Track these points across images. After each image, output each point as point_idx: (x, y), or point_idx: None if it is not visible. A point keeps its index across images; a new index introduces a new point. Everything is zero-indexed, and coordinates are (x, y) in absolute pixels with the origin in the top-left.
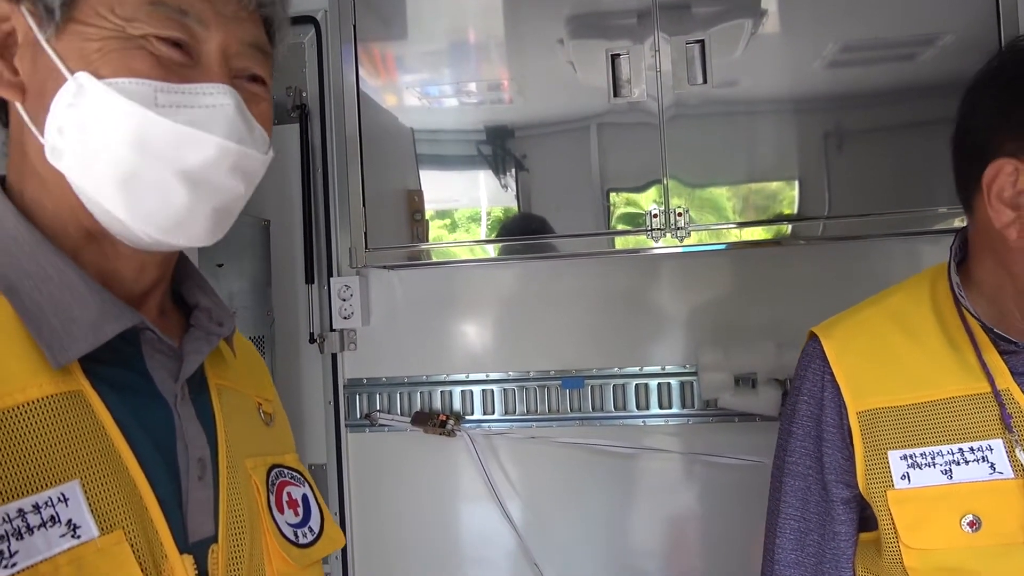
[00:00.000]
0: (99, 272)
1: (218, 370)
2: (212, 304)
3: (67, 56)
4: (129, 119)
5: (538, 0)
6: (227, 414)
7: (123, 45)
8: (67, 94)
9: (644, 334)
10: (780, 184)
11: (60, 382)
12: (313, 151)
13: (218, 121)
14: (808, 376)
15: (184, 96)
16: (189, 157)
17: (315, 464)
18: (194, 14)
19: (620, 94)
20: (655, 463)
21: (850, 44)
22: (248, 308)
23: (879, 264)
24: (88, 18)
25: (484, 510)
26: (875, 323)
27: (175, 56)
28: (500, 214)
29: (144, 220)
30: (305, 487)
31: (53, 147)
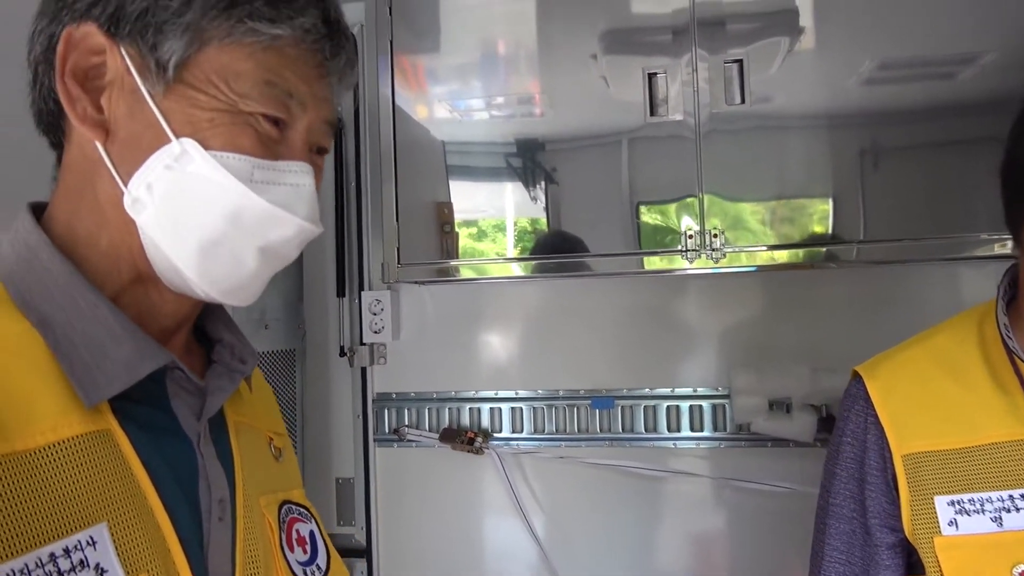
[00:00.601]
0: (136, 310)
1: (235, 406)
2: (235, 340)
3: (172, 117)
4: (228, 193)
5: (571, 15)
6: (244, 452)
7: (233, 120)
8: (167, 155)
9: (675, 354)
10: (815, 203)
11: (89, 421)
12: (347, 165)
13: (301, 201)
14: (851, 417)
15: (274, 173)
16: (271, 233)
17: (342, 478)
18: (297, 96)
19: (657, 113)
20: (685, 486)
21: (887, 62)
22: (280, 321)
23: (917, 289)
24: (200, 84)
25: (510, 528)
26: (920, 364)
27: (272, 133)
28: (529, 226)
29: (210, 283)
30: (312, 523)
31: (136, 199)
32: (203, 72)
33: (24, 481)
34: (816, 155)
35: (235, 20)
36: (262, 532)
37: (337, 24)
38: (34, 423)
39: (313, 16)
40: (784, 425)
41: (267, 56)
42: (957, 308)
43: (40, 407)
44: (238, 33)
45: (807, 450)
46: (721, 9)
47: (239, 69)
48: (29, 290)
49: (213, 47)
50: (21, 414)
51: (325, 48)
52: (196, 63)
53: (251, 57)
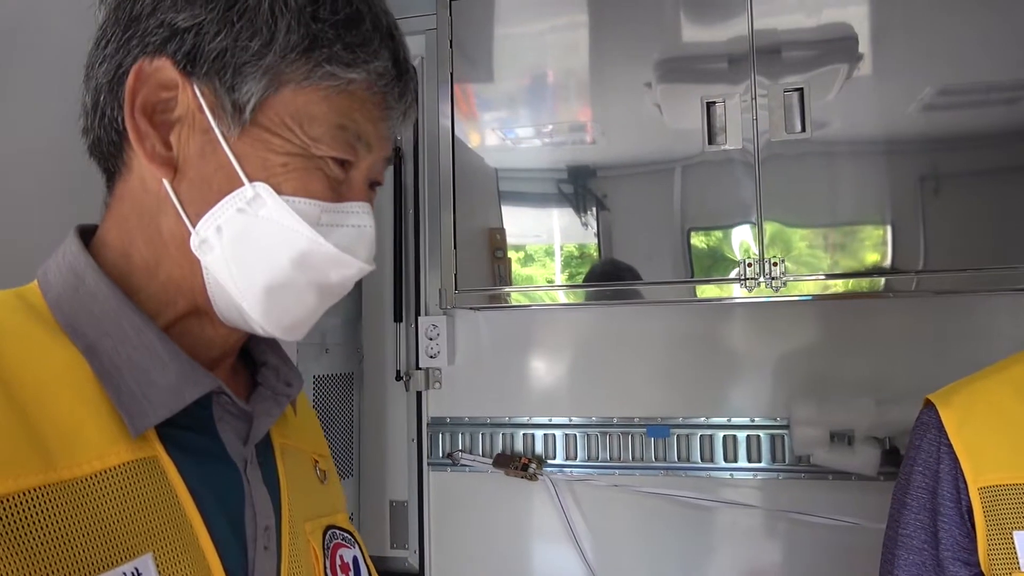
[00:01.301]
0: (189, 340)
1: (281, 428)
2: (281, 363)
3: (245, 160)
4: (298, 238)
5: (625, 44)
6: (290, 476)
7: (306, 164)
8: (240, 199)
9: (732, 383)
10: (873, 232)
11: (136, 448)
12: (405, 192)
13: (363, 243)
14: (923, 446)
15: (339, 215)
16: (333, 274)
17: (396, 500)
18: (365, 139)
19: (715, 142)
20: (741, 518)
21: (947, 88)
22: (339, 345)
23: (982, 320)
24: (275, 127)
25: (562, 555)
26: (997, 393)
27: (339, 175)
28: (581, 252)
29: (273, 322)
30: (356, 549)
31: (204, 240)
32: (278, 115)
33: (71, 511)
34: (875, 182)
35: (314, 64)
36: (307, 560)
37: (405, 64)
38: (81, 451)
39: (385, 59)
40: (846, 457)
41: (340, 99)
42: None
43: (87, 435)
44: (316, 77)
45: (870, 484)
46: (778, 37)
47: (313, 113)
48: (76, 316)
49: (289, 90)
50: (68, 442)
51: (395, 90)
52: (271, 106)
53: (325, 101)
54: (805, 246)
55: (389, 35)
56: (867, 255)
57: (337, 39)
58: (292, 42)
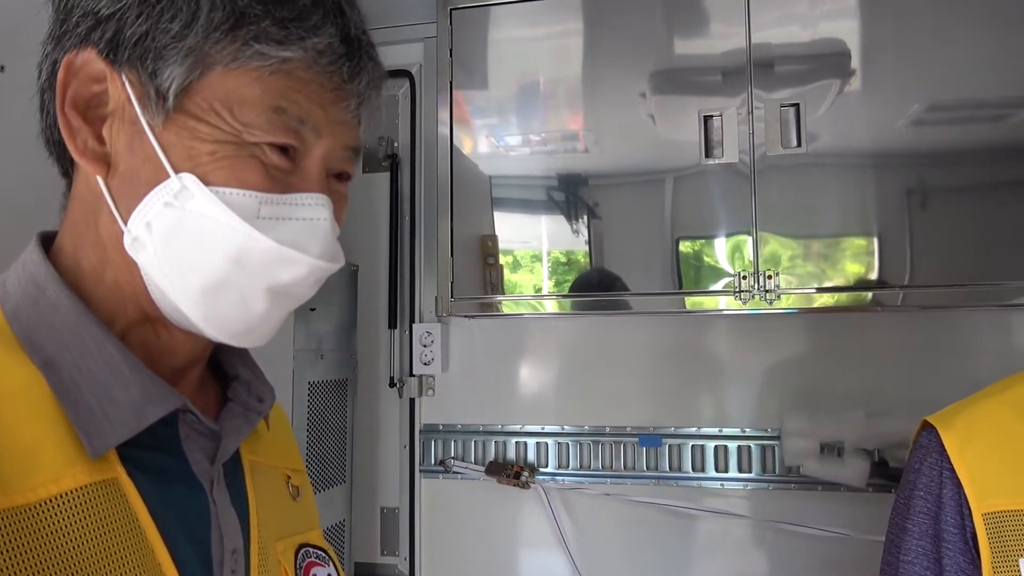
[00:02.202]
0: (145, 350)
1: (251, 444)
2: (252, 377)
3: (172, 150)
4: (232, 233)
5: (619, 55)
6: (260, 495)
7: (237, 152)
8: (166, 192)
9: (723, 394)
10: (861, 246)
11: (95, 470)
12: (402, 199)
13: (315, 237)
14: (924, 470)
15: (285, 208)
16: (281, 274)
17: (388, 507)
18: (311, 123)
19: (712, 155)
20: (732, 527)
21: (936, 104)
22: (334, 351)
23: (969, 335)
24: (202, 113)
25: (553, 563)
26: (998, 415)
27: (281, 163)
28: (572, 260)
29: (217, 327)
30: (330, 566)
31: (136, 238)
32: (205, 100)
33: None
34: (864, 196)
35: (240, 43)
36: None
37: (358, 42)
38: (36, 475)
39: (329, 35)
40: (836, 469)
41: (276, 80)
42: (1010, 356)
43: (43, 457)
44: (244, 57)
45: (859, 495)
46: (772, 51)
47: (245, 96)
48: (35, 328)
49: (217, 73)
50: (22, 465)
51: (343, 70)
52: (198, 90)
53: (258, 82)
54: (797, 259)
55: (337, 10)
56: (856, 268)
57: (266, 15)
58: (216, 20)
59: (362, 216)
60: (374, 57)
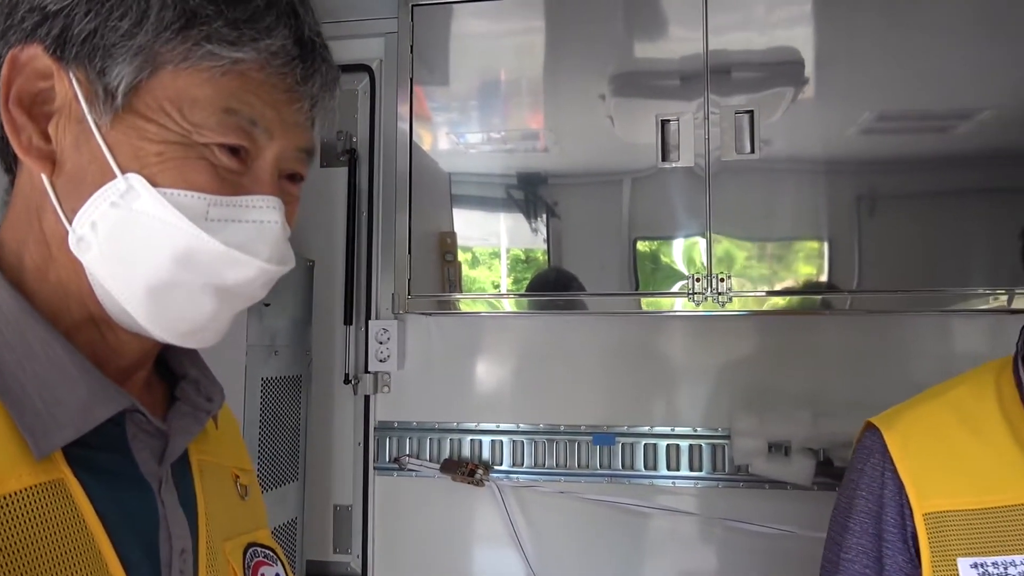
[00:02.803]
0: (92, 349)
1: (200, 444)
2: (201, 376)
3: (119, 149)
4: (178, 234)
5: (580, 55)
6: (208, 494)
7: (185, 153)
8: (113, 192)
9: (676, 394)
10: (811, 250)
11: (41, 471)
12: (359, 195)
13: (264, 240)
14: (867, 471)
15: (234, 210)
16: (228, 276)
17: (341, 505)
18: (263, 124)
19: (668, 158)
20: (682, 525)
21: (886, 113)
22: (288, 347)
23: (912, 339)
24: (151, 112)
25: (506, 561)
26: (939, 418)
27: (232, 165)
28: (531, 258)
29: (164, 328)
30: (278, 566)
31: (81, 238)
32: (155, 100)
33: None
34: (815, 202)
35: (192, 43)
36: None
37: (311, 44)
38: None
39: (282, 37)
40: (783, 468)
41: (227, 81)
42: (950, 360)
43: None
44: (195, 57)
45: (804, 493)
46: (729, 57)
47: (195, 96)
48: None
49: (167, 72)
50: None
51: (296, 71)
52: (148, 90)
53: (209, 83)
54: (750, 262)
55: (290, 12)
56: (806, 273)
57: (218, 15)
58: (167, 20)
59: (319, 211)
60: (328, 59)
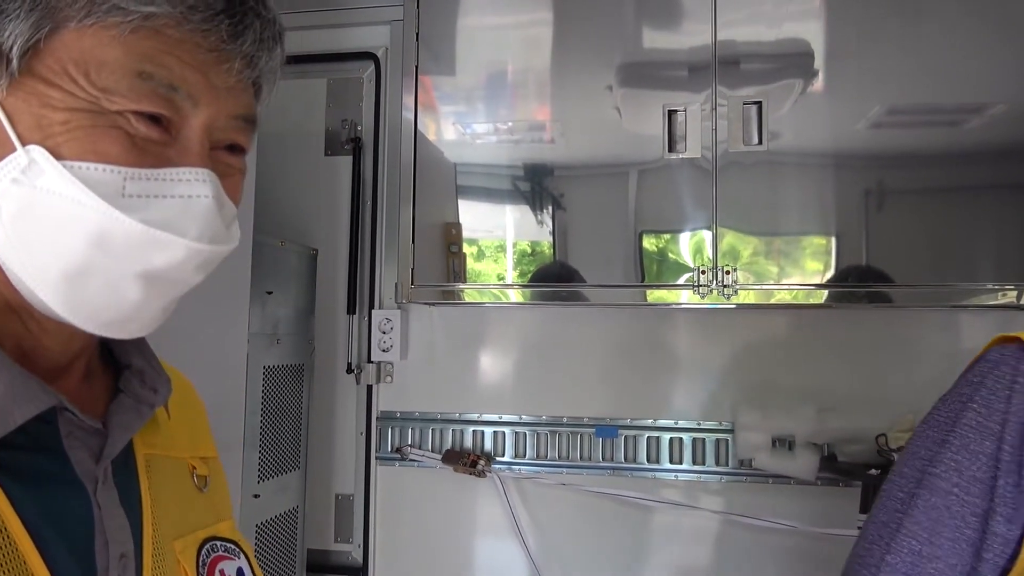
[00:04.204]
0: (15, 342)
1: (147, 436)
2: (146, 365)
3: (18, 118)
4: (89, 214)
5: (587, 46)
6: (155, 491)
7: (94, 121)
8: (13, 168)
9: (680, 387)
10: (819, 244)
11: None
12: (364, 184)
13: (193, 217)
14: (987, 383)
15: (156, 184)
16: (154, 259)
17: (342, 494)
18: (184, 89)
19: (675, 149)
20: (684, 518)
21: (896, 107)
22: (291, 336)
23: (918, 334)
24: (54, 76)
25: (507, 552)
26: None
27: (152, 134)
28: (536, 250)
29: (85, 317)
30: (241, 559)
31: None
32: (57, 62)
33: None
34: (823, 195)
35: None
36: None
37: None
38: None
39: None
40: (786, 462)
41: (139, 40)
42: (958, 356)
43: None
44: (99, 12)
45: (808, 488)
46: (737, 48)
47: (103, 57)
48: None
49: (70, 30)
50: None
51: (221, 27)
52: (49, 51)
53: (118, 41)
54: (756, 255)
55: None
56: (812, 266)
57: None
58: None
59: (323, 200)
60: (262, 13)
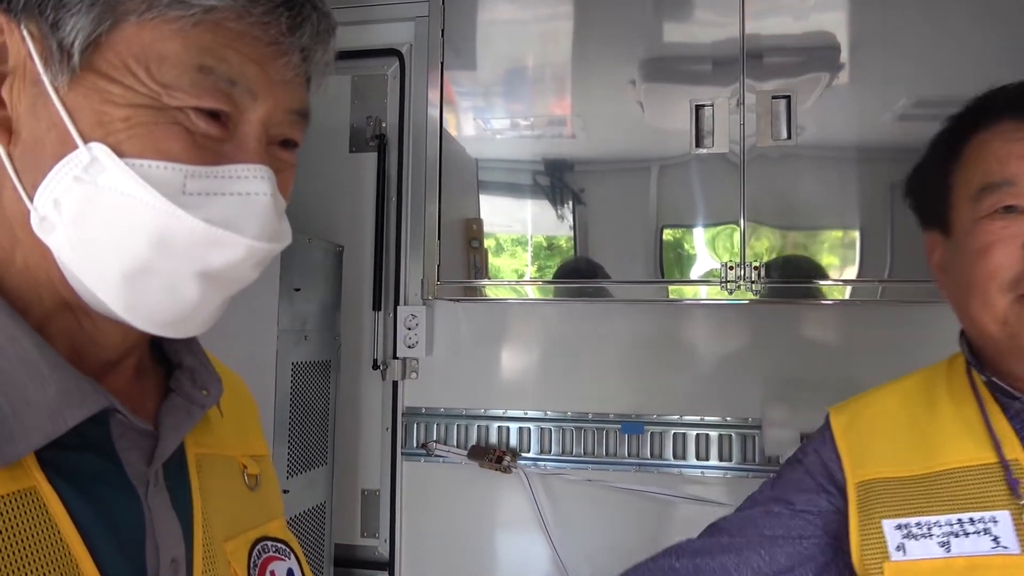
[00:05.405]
0: (69, 341)
1: (199, 435)
2: (197, 364)
3: (80, 115)
4: (152, 212)
5: (611, 41)
6: (207, 492)
7: (155, 118)
8: (75, 165)
9: (706, 382)
10: (846, 238)
11: (8, 479)
12: (388, 180)
13: (252, 215)
14: (815, 442)
15: (216, 181)
16: (213, 258)
17: (368, 489)
18: (244, 84)
19: (703, 144)
20: (713, 516)
21: (923, 100)
22: (318, 332)
23: (945, 331)
24: (114, 72)
25: (533, 548)
26: (886, 402)
27: (211, 131)
28: (558, 245)
29: (143, 317)
30: (291, 559)
31: (43, 218)
32: (118, 57)
33: None
34: (849, 189)
35: None
36: None
37: None
38: None
39: None
40: None
41: (200, 33)
42: None
43: None
44: (161, 5)
45: None
46: (762, 42)
47: (164, 51)
48: None
49: (131, 24)
50: None
51: (281, 20)
52: (109, 45)
53: (179, 35)
54: (784, 250)
55: None
56: (838, 262)
57: None
58: None
59: (348, 196)
60: (319, 6)
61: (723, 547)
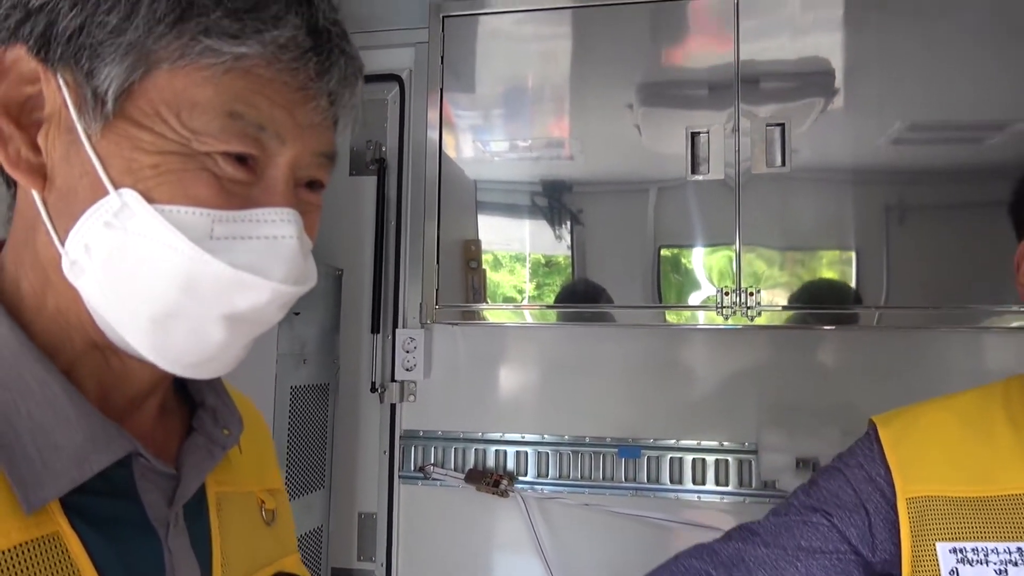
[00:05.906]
0: (96, 382)
1: (219, 473)
2: (219, 403)
3: (111, 162)
4: (180, 257)
5: (609, 65)
6: (227, 530)
7: (184, 164)
8: (106, 211)
9: (703, 407)
10: (842, 264)
11: (32, 525)
12: (388, 204)
13: (278, 258)
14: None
15: (243, 225)
16: (239, 301)
17: (366, 513)
18: (272, 129)
19: (699, 171)
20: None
21: (917, 124)
22: (316, 356)
23: (943, 356)
24: (145, 119)
25: (531, 573)
26: (938, 417)
27: (238, 175)
28: (547, 261)
29: (171, 360)
30: None
31: (74, 262)
32: (150, 104)
33: None
34: (844, 212)
35: (188, 38)
36: None
37: (327, 34)
38: None
39: (292, 27)
40: None
41: (231, 80)
42: (983, 377)
43: None
44: (192, 54)
45: None
46: (757, 67)
47: (195, 98)
48: None
49: (162, 72)
50: None
51: (310, 66)
52: (142, 92)
53: (210, 83)
54: (779, 276)
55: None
56: (834, 287)
57: (217, 5)
58: (159, 12)
59: (347, 220)
60: (347, 50)
61: (759, 560)
